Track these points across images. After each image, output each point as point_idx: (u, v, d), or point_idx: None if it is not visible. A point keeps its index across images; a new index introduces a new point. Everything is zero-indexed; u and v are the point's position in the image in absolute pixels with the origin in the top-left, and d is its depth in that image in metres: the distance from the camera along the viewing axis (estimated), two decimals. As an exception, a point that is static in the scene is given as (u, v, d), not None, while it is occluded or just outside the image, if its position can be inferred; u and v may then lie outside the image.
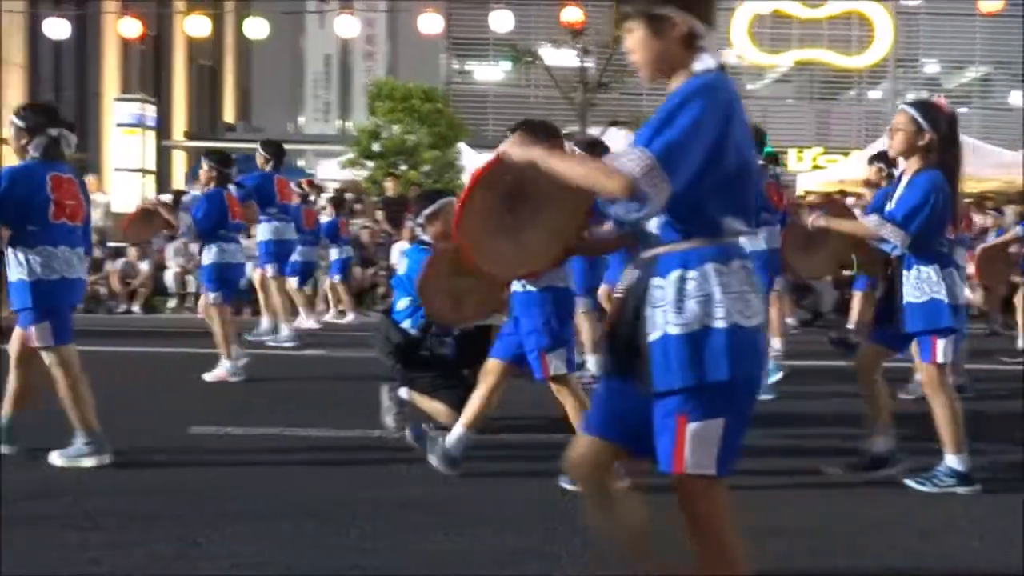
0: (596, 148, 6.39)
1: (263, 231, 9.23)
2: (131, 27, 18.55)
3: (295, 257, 10.43)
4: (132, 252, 12.84)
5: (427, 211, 5.59)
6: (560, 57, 23.11)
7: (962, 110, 30.84)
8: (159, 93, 28.90)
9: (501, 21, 19.08)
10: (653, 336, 2.32)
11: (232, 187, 7.70)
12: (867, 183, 7.61)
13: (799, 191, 18.54)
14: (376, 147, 20.82)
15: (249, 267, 9.35)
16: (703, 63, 2.37)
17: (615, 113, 21.79)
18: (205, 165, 7.67)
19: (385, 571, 3.49)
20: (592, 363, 6.88)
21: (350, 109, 35.35)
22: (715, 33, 2.42)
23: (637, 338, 2.35)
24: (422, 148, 20.94)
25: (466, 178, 21.33)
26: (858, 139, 27.25)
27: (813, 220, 4.64)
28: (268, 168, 9.17)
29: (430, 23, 18.42)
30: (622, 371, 2.44)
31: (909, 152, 4.41)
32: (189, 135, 33.03)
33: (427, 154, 20.78)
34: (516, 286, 4.46)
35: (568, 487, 4.31)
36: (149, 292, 12.75)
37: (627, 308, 2.41)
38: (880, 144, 18.88)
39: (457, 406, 5.44)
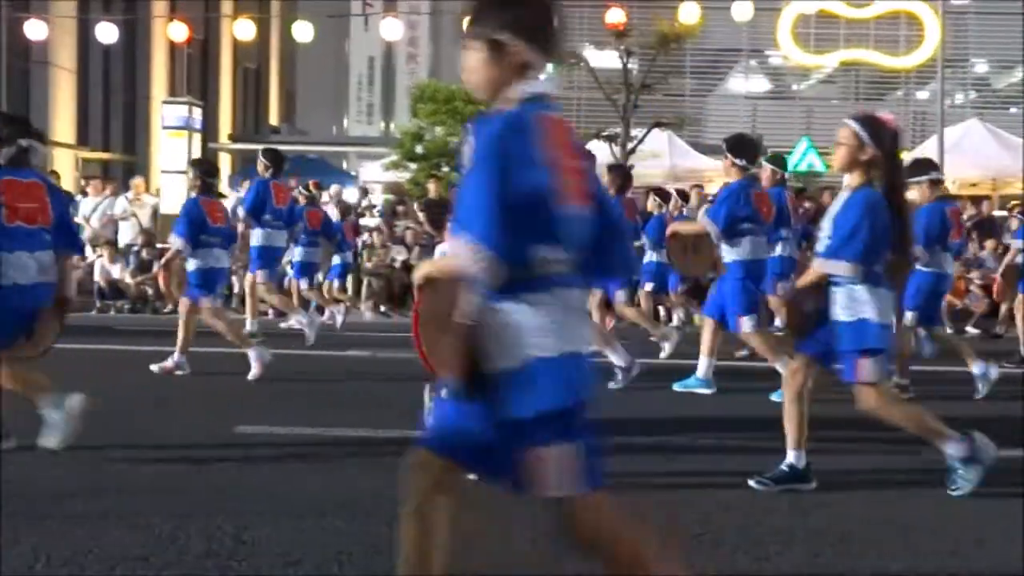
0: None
1: (254, 237, 9.53)
2: (179, 31, 18.82)
3: (297, 257, 10.81)
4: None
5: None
6: (603, 59, 23.06)
7: (1012, 111, 30.38)
8: (205, 96, 29.28)
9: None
10: (494, 368, 2.37)
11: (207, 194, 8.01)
12: None
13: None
14: (419, 149, 20.95)
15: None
16: (520, 90, 2.44)
17: (659, 114, 21.74)
18: (191, 173, 7.98)
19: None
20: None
21: (393, 111, 35.57)
22: (546, 64, 2.49)
23: (480, 365, 2.39)
24: (464, 150, 21.02)
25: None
26: (905, 140, 26.89)
27: (789, 294, 4.56)
28: (267, 175, 9.47)
29: (473, 25, 18.44)
30: (469, 395, 2.46)
31: (851, 167, 4.37)
32: (234, 137, 33.43)
33: (469, 156, 20.86)
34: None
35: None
36: (196, 293, 12.89)
37: (474, 336, 2.42)
38: (929, 146, 18.65)
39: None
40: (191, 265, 7.59)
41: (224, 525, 3.89)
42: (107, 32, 18.95)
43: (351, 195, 16.90)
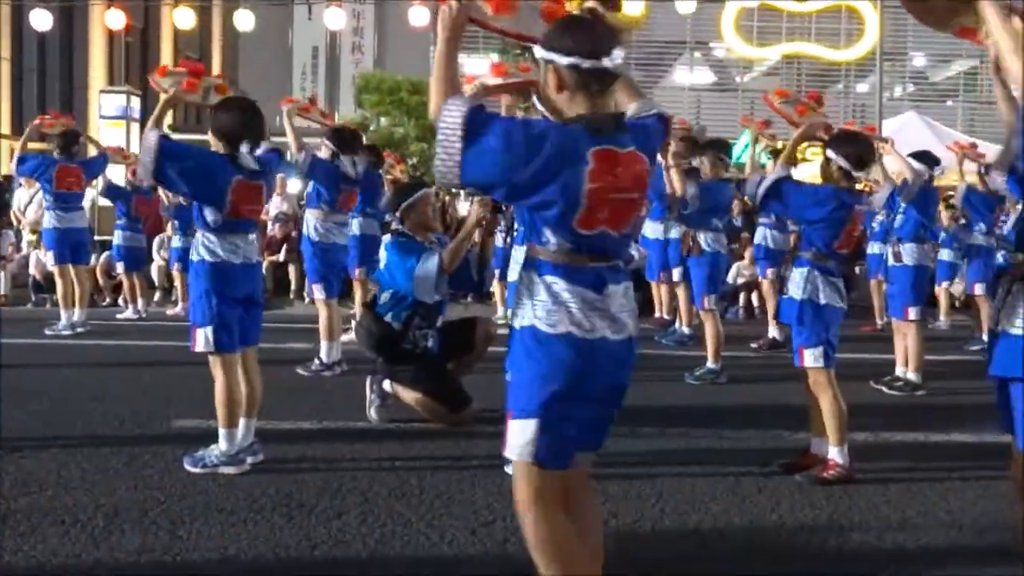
0: None
1: (45, 219, 9.60)
2: (116, 18, 18.40)
3: (118, 242, 10.91)
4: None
5: (404, 204, 5.63)
6: (548, 50, 23.06)
7: (949, 104, 30.99)
8: (145, 85, 28.72)
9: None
10: None
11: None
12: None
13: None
14: (364, 140, 20.80)
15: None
16: None
17: (603, 106, 21.84)
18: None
19: (365, 560, 3.50)
20: None
21: (338, 101, 35.25)
22: None
23: None
24: (410, 141, 20.96)
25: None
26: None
27: None
28: (56, 154, 9.45)
29: (419, 15, 18.32)
30: None
31: None
32: (175, 127, 32.85)
33: (415, 147, 20.80)
34: (193, 254, 4.52)
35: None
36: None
37: None
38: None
39: (440, 398, 5.46)
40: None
41: (159, 520, 3.84)
42: (42, 19, 18.45)
43: (295, 186, 16.71)
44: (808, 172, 19.12)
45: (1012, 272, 2.81)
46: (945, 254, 10.02)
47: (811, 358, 4.53)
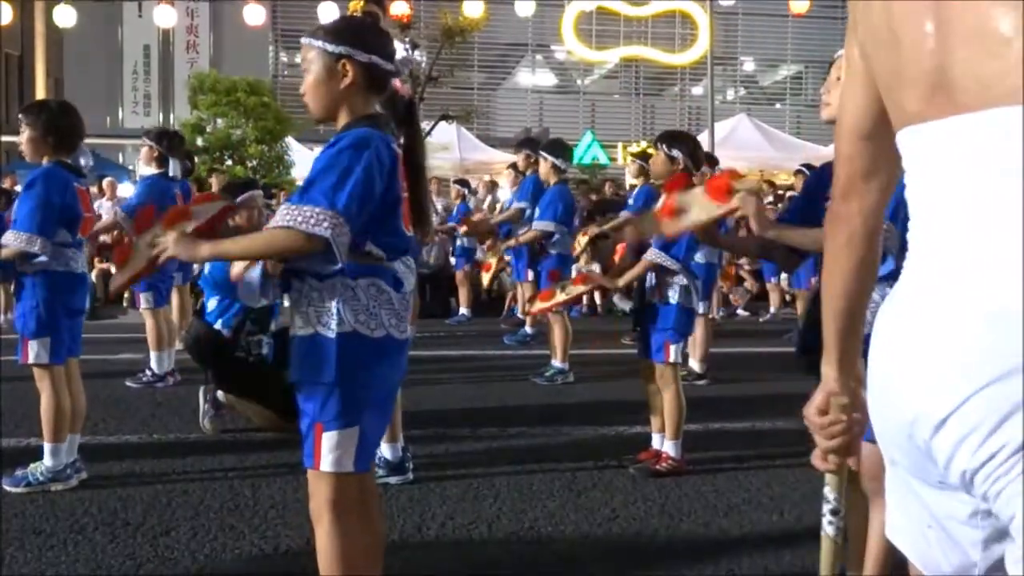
0: None
1: None
2: (-77, 14, 17.24)
3: None
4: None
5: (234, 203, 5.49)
6: (390, 51, 22.93)
7: (777, 106, 32.48)
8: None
9: (328, 13, 18.75)
10: None
11: None
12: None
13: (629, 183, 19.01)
14: (200, 142, 20.17)
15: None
16: None
17: (448, 107, 21.91)
18: None
19: (195, 580, 3.40)
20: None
21: (172, 102, 34.05)
22: None
23: None
24: (248, 143, 20.46)
25: (295, 173, 20.87)
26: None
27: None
28: None
29: (254, 14, 17.94)
30: None
31: None
32: (-5, 129, 31.08)
33: (253, 149, 20.32)
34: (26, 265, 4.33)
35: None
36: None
37: None
38: (702, 139, 19.69)
39: (273, 406, 5.34)
40: None
41: (-31, 547, 3.61)
42: None
43: (127, 190, 16.06)
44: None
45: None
46: None
47: (674, 353, 4.67)
